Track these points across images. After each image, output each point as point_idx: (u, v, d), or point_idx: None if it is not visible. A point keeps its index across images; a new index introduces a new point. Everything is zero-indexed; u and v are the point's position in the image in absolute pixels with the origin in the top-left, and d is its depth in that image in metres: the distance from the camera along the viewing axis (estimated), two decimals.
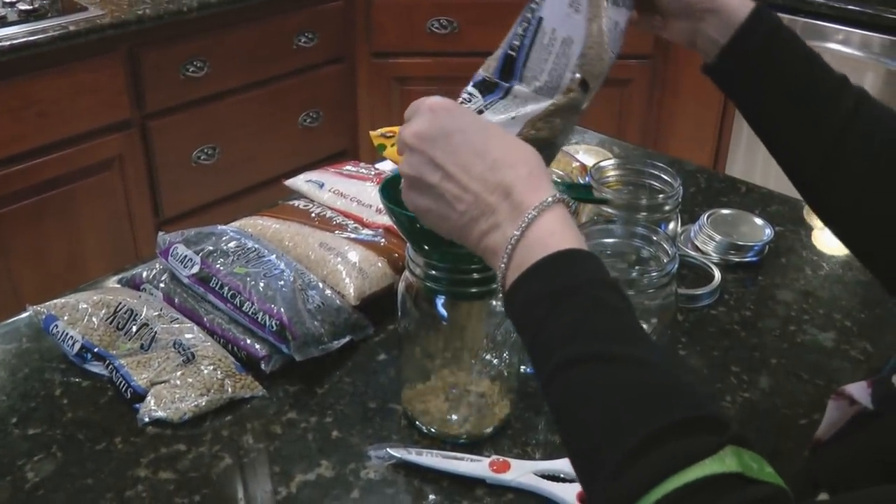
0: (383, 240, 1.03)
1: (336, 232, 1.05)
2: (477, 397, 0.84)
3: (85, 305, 0.95)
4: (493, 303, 0.77)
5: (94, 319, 0.93)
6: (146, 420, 0.84)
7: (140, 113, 2.11)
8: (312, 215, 1.09)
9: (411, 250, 0.75)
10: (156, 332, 0.91)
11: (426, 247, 0.72)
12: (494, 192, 0.60)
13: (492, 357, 0.84)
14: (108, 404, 0.87)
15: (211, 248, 0.96)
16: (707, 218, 1.17)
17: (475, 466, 0.78)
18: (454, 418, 0.83)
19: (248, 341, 0.91)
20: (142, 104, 2.10)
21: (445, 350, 0.84)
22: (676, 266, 0.82)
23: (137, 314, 0.93)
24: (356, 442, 0.83)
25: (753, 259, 1.13)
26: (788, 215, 1.25)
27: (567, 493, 0.75)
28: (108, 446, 0.82)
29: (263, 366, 0.90)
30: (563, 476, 0.77)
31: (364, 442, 0.82)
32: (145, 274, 1.01)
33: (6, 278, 1.96)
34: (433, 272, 0.74)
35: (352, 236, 1.04)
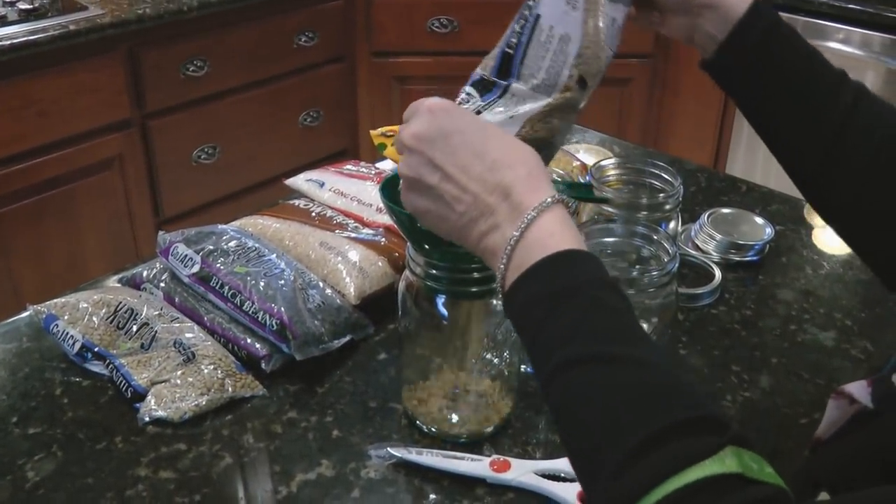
0: (384, 239, 1.03)
1: (336, 231, 1.05)
2: (477, 397, 0.84)
3: (85, 305, 0.95)
4: (494, 302, 0.77)
5: (95, 319, 0.93)
6: (146, 419, 0.84)
7: (140, 112, 2.11)
8: (313, 214, 1.08)
9: (412, 249, 0.75)
10: (156, 332, 0.91)
11: (426, 246, 0.72)
12: (493, 193, 0.59)
13: (492, 356, 0.84)
14: (109, 404, 0.87)
15: (211, 248, 0.96)
16: (707, 217, 1.17)
17: (476, 466, 0.78)
18: (454, 418, 0.83)
19: (249, 340, 0.91)
20: (142, 104, 2.10)
21: (446, 349, 0.84)
22: (677, 265, 0.82)
23: (138, 313, 0.93)
24: (357, 441, 0.83)
25: (754, 258, 1.13)
26: (789, 214, 1.25)
27: (568, 493, 0.75)
28: (109, 446, 0.82)
29: (264, 365, 0.90)
30: (564, 475, 0.77)
31: (364, 441, 0.82)
32: (146, 273, 1.01)
33: (6, 278, 1.96)
34: (433, 271, 0.74)
35: (352, 235, 1.04)
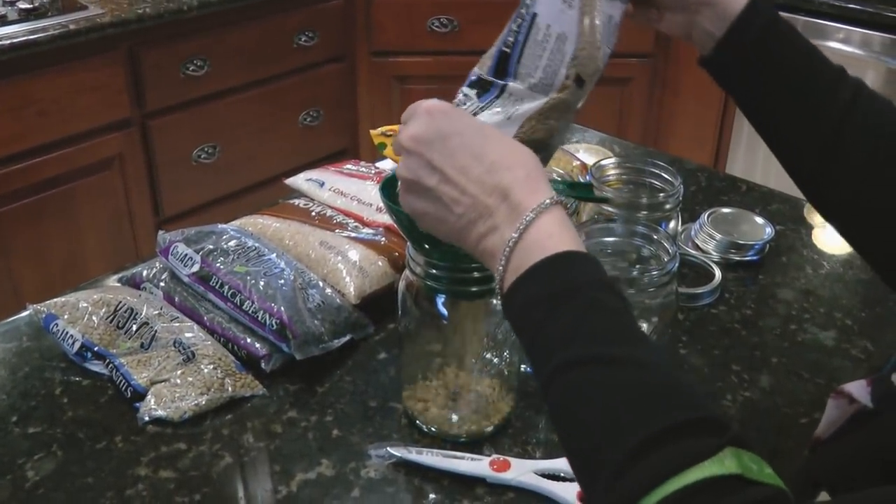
0: (384, 238, 1.03)
1: (336, 231, 1.05)
2: (477, 396, 0.84)
3: (85, 304, 0.95)
4: (494, 302, 0.77)
5: (95, 318, 0.93)
6: (146, 419, 0.84)
7: (140, 112, 2.11)
8: (313, 214, 1.08)
9: (412, 249, 0.75)
10: (156, 331, 0.91)
11: (426, 246, 0.72)
12: (492, 195, 0.59)
13: (492, 356, 0.84)
14: (109, 403, 0.87)
15: (211, 247, 0.96)
16: (707, 217, 1.17)
17: (476, 465, 0.78)
18: (454, 417, 0.83)
19: (249, 340, 0.91)
20: (142, 103, 2.10)
21: (446, 349, 0.84)
22: (677, 265, 0.82)
23: (137, 313, 0.93)
24: (356, 441, 0.83)
25: (754, 258, 1.13)
26: (789, 214, 1.25)
27: (567, 492, 0.75)
28: (109, 445, 0.82)
29: (264, 364, 0.89)
30: (564, 475, 0.77)
31: (364, 441, 0.82)
32: (145, 273, 1.01)
33: (6, 277, 1.96)
34: (433, 271, 0.74)
35: (352, 235, 1.04)
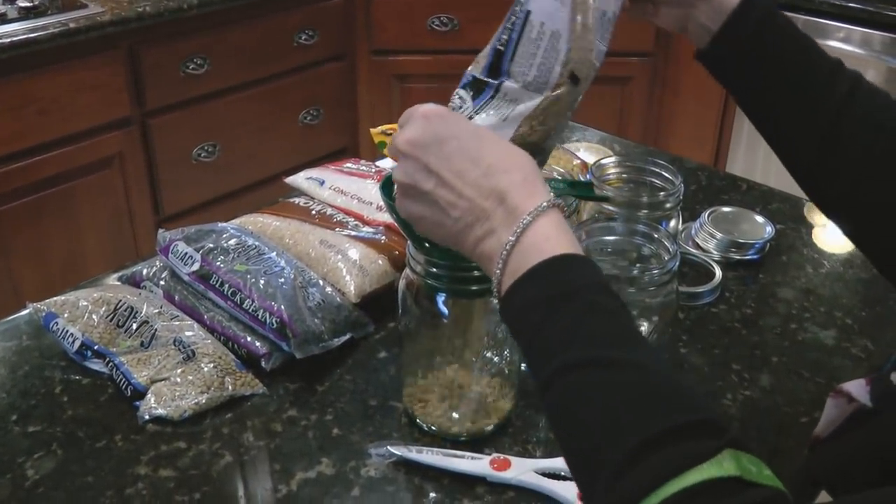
0: (384, 237, 1.03)
1: (336, 229, 1.04)
2: (477, 395, 0.84)
3: (85, 303, 0.95)
4: (494, 300, 0.76)
5: (95, 317, 0.93)
6: (146, 418, 0.84)
7: (140, 110, 2.10)
8: (313, 213, 1.08)
9: (412, 248, 0.75)
10: (156, 330, 0.91)
11: (427, 244, 0.72)
12: (489, 198, 0.59)
13: (492, 355, 0.84)
14: (109, 402, 0.87)
15: (211, 246, 0.96)
16: (708, 216, 1.17)
17: (476, 464, 0.78)
18: (455, 416, 0.83)
19: (249, 339, 0.91)
20: (142, 102, 2.10)
21: (446, 348, 0.84)
22: (677, 264, 0.82)
23: (137, 312, 0.93)
24: (357, 440, 0.83)
25: (754, 257, 1.13)
26: (789, 213, 1.25)
27: (568, 491, 0.75)
28: (109, 444, 0.82)
29: (264, 363, 0.89)
30: (564, 474, 0.77)
31: (365, 440, 0.82)
32: (145, 271, 1.01)
33: (6, 276, 1.96)
34: (434, 270, 0.74)
35: (352, 234, 1.04)
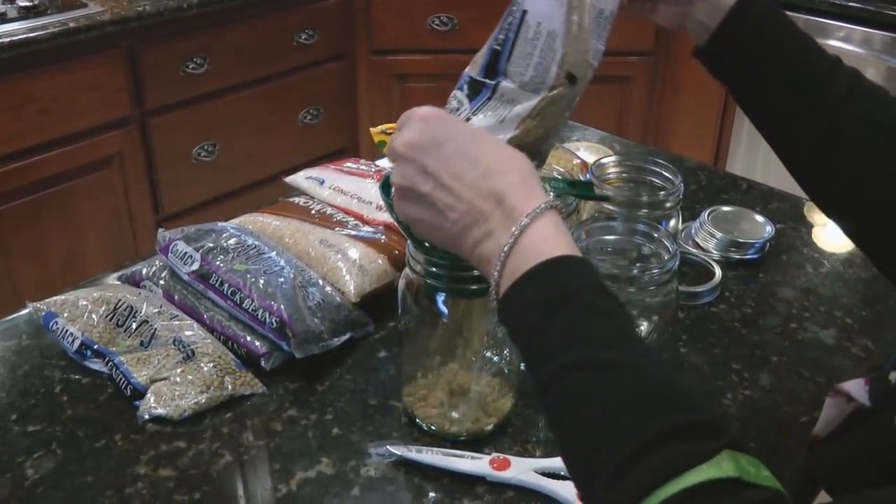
0: (384, 237, 1.03)
1: (336, 229, 1.04)
2: (477, 394, 0.84)
3: (85, 302, 0.95)
4: (493, 302, 0.77)
5: (94, 316, 0.93)
6: (146, 417, 0.84)
7: (140, 110, 2.10)
8: (313, 212, 1.08)
9: (412, 247, 0.75)
10: (155, 329, 0.91)
11: (426, 244, 0.72)
12: (487, 200, 0.59)
13: (492, 354, 0.84)
14: (108, 401, 0.87)
15: (211, 245, 0.96)
16: (708, 215, 1.17)
17: (475, 464, 0.78)
18: (454, 416, 0.83)
19: (248, 338, 0.91)
20: (142, 101, 2.10)
21: (446, 347, 0.84)
22: (677, 263, 0.82)
23: (137, 311, 0.93)
24: (356, 439, 0.82)
25: (754, 256, 1.13)
26: (789, 212, 1.25)
27: (567, 491, 0.75)
28: (108, 443, 0.82)
29: (263, 363, 0.89)
30: (564, 473, 0.77)
31: (364, 439, 0.82)
32: (145, 271, 1.00)
33: (6, 276, 1.96)
34: (434, 269, 0.74)
35: (352, 233, 1.04)
